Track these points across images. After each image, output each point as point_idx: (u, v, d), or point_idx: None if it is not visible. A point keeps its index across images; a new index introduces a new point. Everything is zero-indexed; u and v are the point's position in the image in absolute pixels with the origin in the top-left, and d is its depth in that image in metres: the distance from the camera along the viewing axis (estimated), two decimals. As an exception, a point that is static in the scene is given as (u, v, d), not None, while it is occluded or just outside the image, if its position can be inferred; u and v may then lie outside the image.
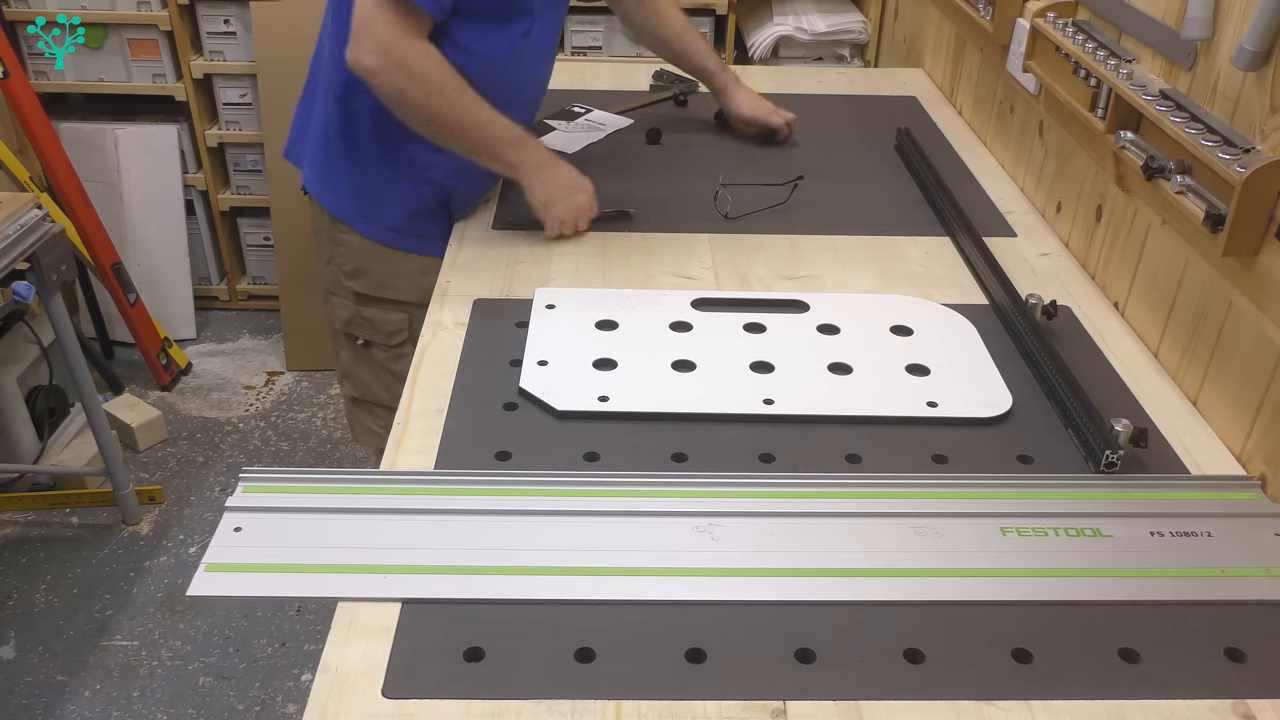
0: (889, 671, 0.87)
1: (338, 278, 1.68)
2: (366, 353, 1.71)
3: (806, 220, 1.65)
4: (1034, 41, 1.60)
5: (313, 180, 1.66)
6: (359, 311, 1.68)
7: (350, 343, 1.73)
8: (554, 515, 1.02)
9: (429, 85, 1.41)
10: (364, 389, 1.75)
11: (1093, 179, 1.51)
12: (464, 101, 1.44)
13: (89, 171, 3.00)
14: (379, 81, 1.41)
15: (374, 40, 1.38)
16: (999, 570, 0.98)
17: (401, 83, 1.41)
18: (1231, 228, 1.08)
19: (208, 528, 2.56)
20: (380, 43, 1.38)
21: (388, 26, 1.37)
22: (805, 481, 1.08)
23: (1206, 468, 1.13)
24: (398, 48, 1.38)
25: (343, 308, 1.70)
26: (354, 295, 1.67)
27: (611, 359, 1.27)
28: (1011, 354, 1.30)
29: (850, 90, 2.26)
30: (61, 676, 2.17)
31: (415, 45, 1.40)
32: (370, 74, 1.40)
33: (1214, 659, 0.89)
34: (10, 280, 2.19)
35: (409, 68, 1.39)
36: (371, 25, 1.37)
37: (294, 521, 1.01)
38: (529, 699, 0.83)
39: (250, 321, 3.40)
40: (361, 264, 1.65)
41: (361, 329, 1.70)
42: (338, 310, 1.72)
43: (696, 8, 2.91)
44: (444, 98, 1.42)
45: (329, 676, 0.85)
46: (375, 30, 1.37)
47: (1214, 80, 1.19)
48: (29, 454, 2.62)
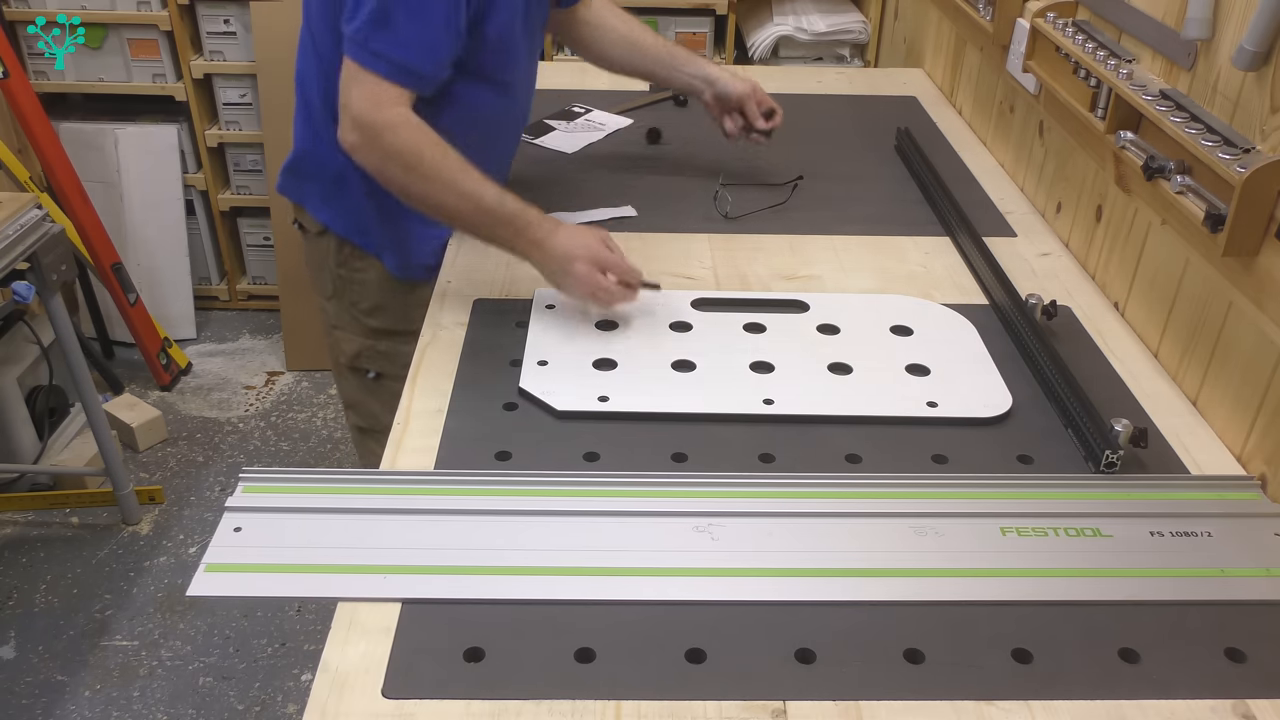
0: (889, 671, 0.87)
1: (349, 314, 1.59)
2: (378, 384, 1.62)
3: (806, 220, 1.65)
4: (1034, 41, 1.60)
5: (331, 218, 1.54)
6: (371, 345, 1.60)
7: (358, 375, 1.64)
8: (554, 515, 1.02)
9: (405, 160, 1.29)
10: (373, 419, 1.67)
11: (1093, 179, 1.51)
12: (446, 177, 1.30)
13: (89, 171, 3.00)
14: (360, 159, 1.32)
15: (349, 114, 1.29)
16: (999, 570, 0.98)
17: (377, 160, 1.31)
18: (1231, 228, 1.08)
19: (208, 528, 2.56)
20: (354, 116, 1.29)
21: (360, 99, 1.28)
22: (805, 481, 1.08)
23: (1206, 468, 1.13)
24: (372, 120, 1.28)
25: (349, 342, 1.62)
26: (369, 330, 1.59)
27: (611, 359, 1.27)
28: (1011, 354, 1.30)
29: (850, 90, 2.26)
30: (61, 676, 2.17)
31: (389, 115, 1.28)
32: (353, 151, 1.32)
33: (1214, 659, 0.89)
34: (10, 280, 2.19)
35: (384, 142, 1.29)
36: (346, 98, 1.29)
37: (294, 521, 1.01)
38: (529, 699, 0.83)
39: (250, 321, 3.40)
40: (381, 300, 1.56)
41: (373, 362, 1.61)
42: (342, 344, 1.63)
43: (696, 8, 2.91)
44: (420, 175, 1.30)
45: (329, 676, 0.85)
46: (350, 103, 1.29)
47: (1214, 80, 1.19)
48: (29, 454, 2.62)
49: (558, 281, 1.33)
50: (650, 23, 2.91)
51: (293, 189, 1.59)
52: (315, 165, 1.52)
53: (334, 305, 1.61)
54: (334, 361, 1.69)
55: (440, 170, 1.30)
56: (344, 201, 1.51)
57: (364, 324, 1.59)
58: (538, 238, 1.31)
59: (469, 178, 1.30)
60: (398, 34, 1.26)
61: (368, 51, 1.27)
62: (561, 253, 1.30)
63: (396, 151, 1.29)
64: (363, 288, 1.56)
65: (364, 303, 1.57)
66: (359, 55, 1.27)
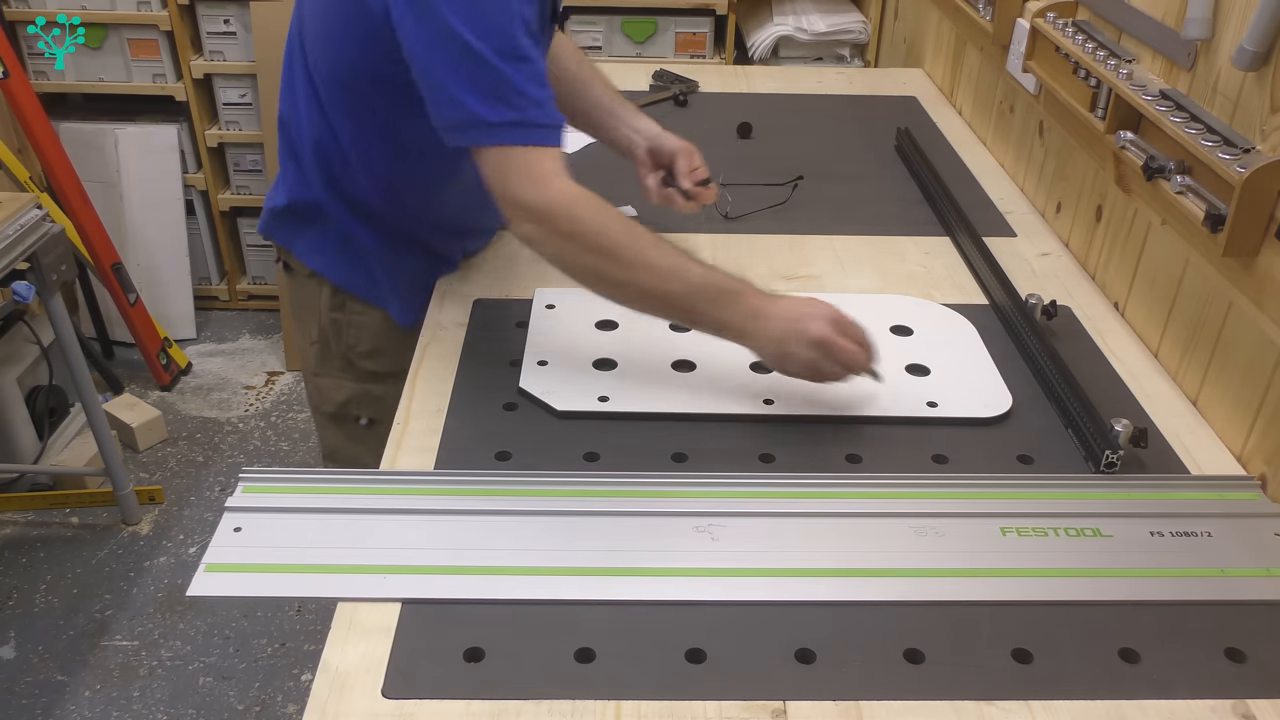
0: (889, 671, 0.87)
1: (340, 359, 1.47)
2: (369, 431, 1.49)
3: (806, 220, 1.65)
4: (1034, 41, 1.60)
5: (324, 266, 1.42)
6: (365, 390, 1.47)
7: (345, 423, 1.51)
8: (554, 515, 1.02)
9: (594, 243, 1.13)
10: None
11: (1093, 179, 1.51)
12: (644, 258, 1.13)
13: (89, 171, 3.00)
14: (543, 251, 1.17)
15: (514, 206, 1.14)
16: (999, 570, 0.98)
17: (563, 248, 1.15)
18: (1231, 228, 1.08)
19: (208, 528, 2.56)
20: (522, 206, 1.13)
21: (520, 183, 1.13)
22: (805, 481, 1.08)
23: (1206, 468, 1.13)
24: (543, 202, 1.12)
25: (337, 389, 1.49)
26: (364, 374, 1.47)
27: (611, 359, 1.27)
28: (1011, 354, 1.30)
29: (850, 90, 2.26)
30: (61, 676, 2.17)
31: (558, 191, 1.13)
32: (532, 243, 1.17)
33: (1214, 659, 0.89)
34: (10, 280, 2.19)
35: (566, 227, 1.13)
36: (504, 189, 1.14)
37: (294, 521, 1.01)
38: (529, 699, 0.83)
39: (250, 321, 3.40)
40: (380, 343, 1.43)
41: (367, 408, 1.48)
42: (328, 391, 1.50)
43: (696, 8, 2.91)
44: (615, 259, 1.13)
45: (329, 676, 0.85)
46: (510, 194, 1.14)
47: (1214, 80, 1.19)
48: (29, 454, 2.62)
49: (785, 349, 1.14)
50: (650, 23, 2.92)
51: (280, 234, 1.46)
52: (309, 214, 1.40)
53: (318, 350, 1.48)
54: (314, 410, 1.56)
55: (634, 249, 1.13)
56: (345, 254, 1.40)
57: (359, 368, 1.47)
58: (757, 306, 1.15)
59: (665, 251, 1.14)
60: (525, 94, 1.12)
61: (506, 126, 1.12)
62: (795, 314, 1.14)
63: (582, 234, 1.13)
64: (361, 331, 1.44)
65: (362, 345, 1.45)
66: (497, 136, 1.12)
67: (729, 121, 2.01)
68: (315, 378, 1.51)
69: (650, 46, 2.96)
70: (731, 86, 2.24)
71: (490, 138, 1.13)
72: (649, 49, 2.96)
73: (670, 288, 1.14)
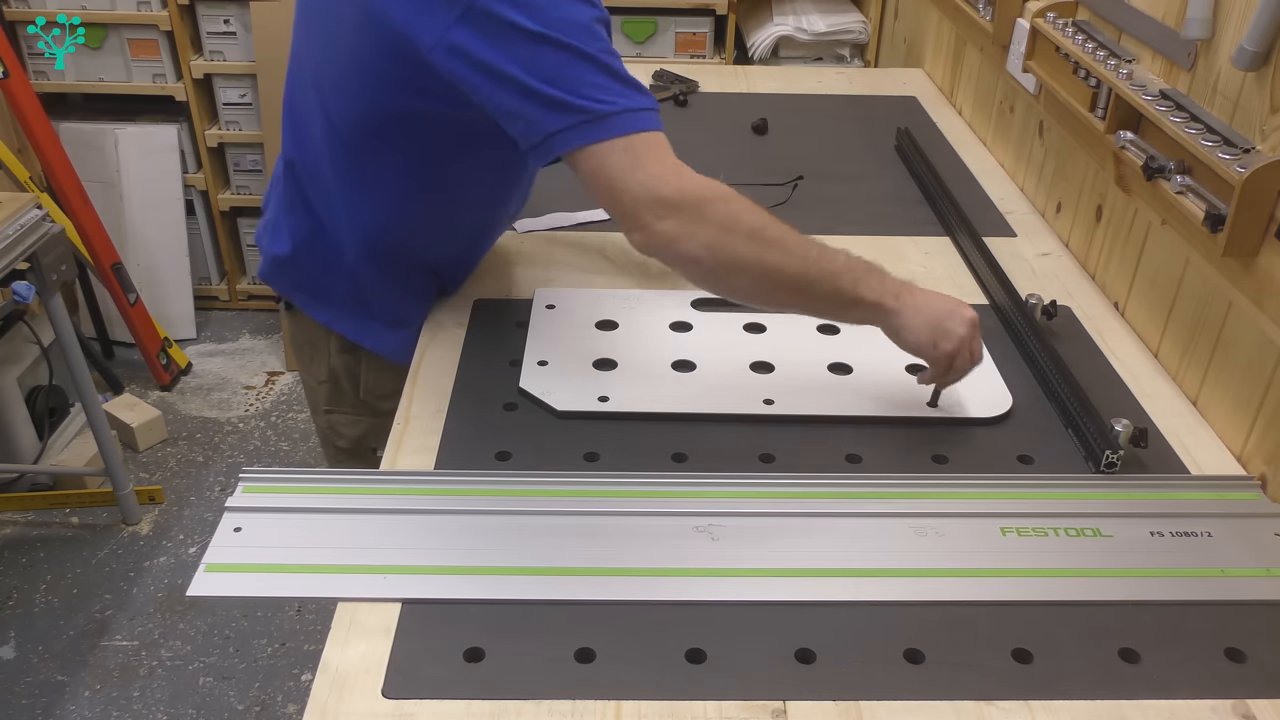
0: (889, 671, 0.87)
1: (353, 399, 1.43)
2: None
3: (806, 220, 1.62)
4: (1034, 41, 1.60)
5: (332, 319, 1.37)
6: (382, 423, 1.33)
7: (361, 456, 1.47)
8: (554, 515, 1.02)
9: (745, 226, 1.05)
10: None
11: (1093, 179, 1.51)
12: (789, 239, 1.08)
13: (89, 171, 3.00)
14: (690, 249, 1.05)
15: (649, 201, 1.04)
16: (999, 570, 0.98)
17: (715, 238, 1.04)
18: (1231, 228, 1.08)
19: (208, 528, 2.56)
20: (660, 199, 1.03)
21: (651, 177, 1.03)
22: (805, 481, 1.08)
23: (1206, 468, 1.13)
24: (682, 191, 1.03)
25: (353, 425, 1.45)
26: (381, 412, 1.36)
27: (611, 359, 1.27)
28: (1011, 354, 1.30)
29: (850, 90, 2.26)
30: (61, 676, 2.17)
31: (693, 179, 1.05)
32: (678, 242, 1.05)
33: (1214, 659, 0.89)
34: (10, 280, 2.19)
35: (712, 213, 1.04)
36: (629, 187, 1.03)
37: (294, 521, 1.01)
38: (529, 699, 0.83)
39: (250, 321, 3.40)
40: (397, 384, 1.28)
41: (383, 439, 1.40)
42: (341, 428, 1.46)
43: (696, 8, 2.91)
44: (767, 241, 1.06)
45: (329, 676, 0.85)
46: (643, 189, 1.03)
47: (1214, 80, 1.19)
48: (29, 454, 2.62)
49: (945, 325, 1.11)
50: (650, 23, 2.92)
51: (280, 282, 1.40)
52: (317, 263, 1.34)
53: (329, 390, 1.43)
54: (326, 444, 1.50)
55: (783, 230, 1.07)
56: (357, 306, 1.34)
57: (376, 407, 1.40)
58: (898, 284, 1.12)
59: (799, 238, 1.08)
60: (627, 79, 1.05)
61: (626, 117, 1.02)
62: (947, 298, 1.14)
63: (732, 219, 1.05)
64: (379, 375, 1.39)
65: (380, 389, 1.39)
66: (615, 128, 1.02)
67: (730, 121, 2.02)
68: (328, 414, 1.47)
69: (650, 46, 2.96)
70: (731, 86, 2.24)
71: (617, 128, 1.03)
72: (649, 49, 2.96)
73: (825, 268, 1.08)
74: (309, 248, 1.34)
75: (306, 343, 1.44)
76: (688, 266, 1.08)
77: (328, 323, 1.38)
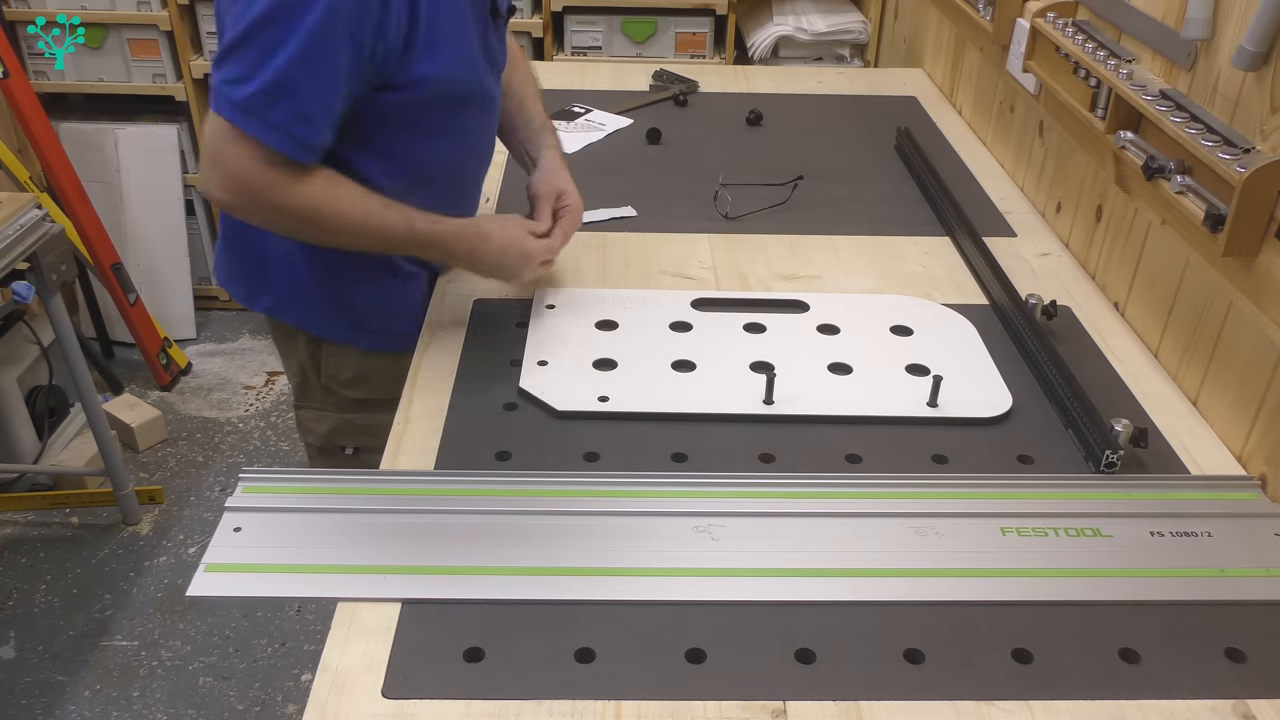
0: (889, 671, 0.87)
1: (321, 391, 1.48)
2: (356, 460, 1.51)
3: (806, 220, 1.65)
4: (1034, 41, 1.60)
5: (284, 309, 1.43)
6: (349, 420, 1.48)
7: (332, 455, 1.52)
8: (554, 515, 1.02)
9: (322, 224, 1.20)
10: None
11: (1093, 179, 1.51)
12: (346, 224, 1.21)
13: (89, 171, 3.00)
14: (237, 215, 1.23)
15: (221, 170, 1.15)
16: (999, 570, 0.98)
17: (262, 216, 1.20)
18: (1231, 228, 1.08)
19: (208, 528, 2.56)
20: (230, 173, 1.15)
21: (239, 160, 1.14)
22: (805, 481, 1.08)
23: (1206, 468, 1.13)
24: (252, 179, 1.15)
25: (321, 421, 1.50)
26: (347, 403, 1.47)
27: (611, 359, 1.27)
28: (1011, 354, 1.30)
29: (850, 90, 2.26)
30: (61, 676, 2.17)
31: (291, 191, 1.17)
32: (232, 210, 1.21)
33: (1214, 659, 0.89)
34: (10, 280, 2.19)
35: (292, 213, 1.18)
36: (219, 154, 1.14)
37: (294, 521, 1.01)
38: (529, 699, 0.83)
39: (250, 321, 3.40)
40: (362, 370, 1.43)
41: (352, 437, 1.50)
42: (311, 424, 1.52)
43: (696, 8, 2.91)
44: (319, 227, 1.21)
45: (329, 676, 0.85)
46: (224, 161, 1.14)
47: (1214, 80, 1.19)
48: (29, 454, 2.62)
49: (492, 276, 1.35)
50: (650, 23, 2.92)
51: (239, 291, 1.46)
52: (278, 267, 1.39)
53: (298, 384, 1.50)
54: (302, 441, 1.57)
55: (340, 218, 1.20)
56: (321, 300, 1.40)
57: (342, 396, 1.47)
58: (466, 253, 1.30)
59: (385, 213, 1.22)
60: (299, 104, 1.12)
61: (262, 122, 1.12)
62: (493, 259, 1.31)
63: (286, 209, 1.18)
64: (341, 360, 1.45)
65: (343, 374, 1.45)
66: (250, 125, 1.12)
67: (729, 121, 2.02)
68: (298, 410, 1.53)
69: (650, 46, 2.96)
70: (731, 86, 2.24)
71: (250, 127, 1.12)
72: (649, 49, 2.96)
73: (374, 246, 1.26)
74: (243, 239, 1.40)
75: (277, 338, 1.51)
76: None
77: (296, 324, 1.43)
